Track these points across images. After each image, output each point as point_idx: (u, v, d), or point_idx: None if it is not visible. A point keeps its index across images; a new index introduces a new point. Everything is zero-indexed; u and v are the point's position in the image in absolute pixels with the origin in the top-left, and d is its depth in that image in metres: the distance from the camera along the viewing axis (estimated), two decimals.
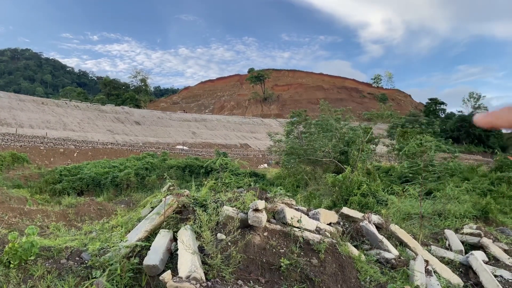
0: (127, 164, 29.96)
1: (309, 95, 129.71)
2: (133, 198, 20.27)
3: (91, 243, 5.82)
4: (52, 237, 6.97)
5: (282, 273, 5.48)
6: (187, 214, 6.64)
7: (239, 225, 5.79)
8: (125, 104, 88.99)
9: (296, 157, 23.90)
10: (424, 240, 8.85)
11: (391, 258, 6.81)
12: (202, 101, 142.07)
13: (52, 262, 5.46)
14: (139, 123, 68.01)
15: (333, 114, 29.10)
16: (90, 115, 64.24)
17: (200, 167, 29.09)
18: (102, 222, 7.43)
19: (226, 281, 4.92)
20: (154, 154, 36.22)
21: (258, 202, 5.92)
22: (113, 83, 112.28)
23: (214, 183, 8.43)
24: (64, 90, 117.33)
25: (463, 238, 9.27)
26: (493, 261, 8.52)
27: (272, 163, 43.03)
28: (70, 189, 23.76)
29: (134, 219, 7.10)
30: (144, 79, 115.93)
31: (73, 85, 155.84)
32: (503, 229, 10.87)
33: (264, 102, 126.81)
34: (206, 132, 72.46)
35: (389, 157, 39.45)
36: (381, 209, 12.04)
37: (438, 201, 10.53)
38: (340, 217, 8.39)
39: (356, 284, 5.78)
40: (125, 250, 5.43)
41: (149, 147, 50.69)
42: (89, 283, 4.78)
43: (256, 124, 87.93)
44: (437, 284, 6.43)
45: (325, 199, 16.89)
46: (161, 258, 5.44)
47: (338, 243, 6.40)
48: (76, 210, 14.02)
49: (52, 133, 47.97)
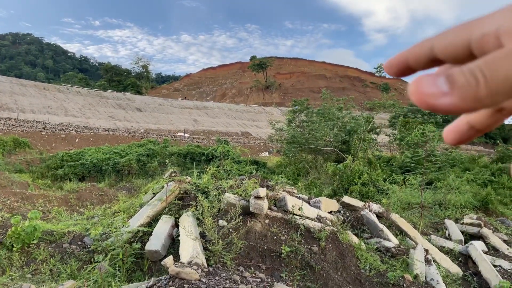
0: (128, 150, 29.97)
1: (311, 84, 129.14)
2: (135, 184, 20.35)
3: (93, 228, 5.86)
4: (54, 222, 7.01)
5: (283, 260, 5.52)
6: (189, 201, 6.66)
7: (241, 212, 5.81)
8: (126, 91, 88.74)
9: (297, 146, 23.90)
10: (424, 229, 8.89)
11: (391, 247, 6.85)
12: (204, 89, 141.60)
13: (54, 246, 5.50)
14: (140, 110, 67.91)
15: (335, 103, 28.98)
16: (92, 101, 64.11)
17: (201, 155, 29.12)
18: (104, 208, 7.46)
19: (228, 267, 4.96)
20: (156, 141, 36.22)
21: (260, 189, 5.94)
22: (114, 69, 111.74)
23: (216, 170, 8.44)
24: (66, 76, 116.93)
25: (463, 228, 9.30)
26: (493, 251, 8.56)
27: (273, 151, 43.04)
28: (71, 175, 23.83)
29: (136, 205, 7.13)
30: (145, 65, 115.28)
31: (74, 70, 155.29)
32: (503, 220, 10.90)
33: (266, 90, 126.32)
34: (207, 120, 72.38)
35: (391, 147, 39.42)
36: (381, 198, 12.07)
37: (439, 191, 10.54)
38: (341, 205, 8.42)
39: (356, 271, 5.82)
40: (127, 235, 5.47)
41: (150, 134, 50.68)
42: (91, 267, 4.82)
43: (258, 112, 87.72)
44: (436, 273, 6.48)
45: (326, 187, 16.93)
46: (162, 244, 5.48)
47: (339, 231, 6.44)
48: (78, 196, 14.10)
49: (53, 118, 47.95)
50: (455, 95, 0.37)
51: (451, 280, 6.79)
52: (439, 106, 0.38)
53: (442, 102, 0.37)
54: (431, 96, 0.38)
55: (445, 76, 0.38)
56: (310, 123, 25.21)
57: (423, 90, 0.38)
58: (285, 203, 6.50)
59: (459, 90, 0.36)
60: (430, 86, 0.38)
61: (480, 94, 0.36)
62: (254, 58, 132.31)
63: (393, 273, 5.75)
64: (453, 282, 6.79)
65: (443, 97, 0.37)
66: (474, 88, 0.36)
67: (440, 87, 0.38)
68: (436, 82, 0.38)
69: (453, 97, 0.37)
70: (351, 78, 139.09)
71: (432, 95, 0.38)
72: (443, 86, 0.37)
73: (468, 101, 0.36)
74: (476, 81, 0.36)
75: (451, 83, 0.37)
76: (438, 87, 0.38)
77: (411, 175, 11.04)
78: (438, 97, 0.37)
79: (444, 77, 0.38)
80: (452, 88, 0.37)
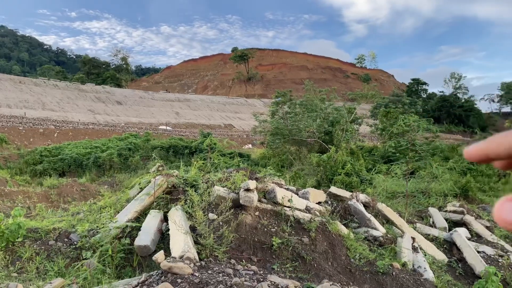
0: (109, 144, 29.48)
1: (293, 75, 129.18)
2: (117, 179, 20.05)
3: (80, 224, 5.73)
4: (38, 219, 6.83)
5: (274, 251, 5.51)
6: (177, 195, 6.58)
7: (231, 205, 5.77)
8: (105, 84, 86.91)
9: (281, 138, 23.95)
10: (410, 218, 9.05)
11: (379, 236, 6.94)
12: (185, 81, 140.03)
13: (40, 244, 5.35)
14: (120, 103, 66.75)
15: (317, 94, 29.11)
16: (70, 94, 62.62)
17: (185, 148, 28.87)
18: (90, 203, 7.30)
19: (219, 260, 4.93)
20: (137, 135, 35.70)
21: (249, 182, 5.90)
22: (93, 62, 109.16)
23: (203, 164, 8.36)
24: (42, 69, 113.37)
25: (446, 215, 9.50)
26: (476, 237, 8.78)
27: (257, 143, 43.04)
28: (51, 170, 23.31)
29: (122, 200, 7.00)
30: (125, 57, 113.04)
31: (51, 63, 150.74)
32: (484, 207, 11.20)
33: (248, 82, 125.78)
34: (189, 113, 71.72)
35: (372, 137, 39.93)
36: (365, 188, 12.21)
37: (422, 180, 10.73)
38: (328, 196, 8.47)
39: (346, 261, 5.87)
40: (115, 231, 5.36)
41: (131, 127, 49.92)
42: (80, 264, 4.71)
43: (240, 104, 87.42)
44: (424, 260, 6.60)
45: (310, 178, 17.04)
46: (152, 239, 5.40)
47: (328, 221, 6.47)
48: (59, 191, 13.80)
49: (30, 113, 46.65)
50: None
51: (437, 267, 6.93)
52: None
53: None
54: None
55: None
56: (294, 115, 25.25)
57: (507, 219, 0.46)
58: (274, 195, 6.49)
59: None
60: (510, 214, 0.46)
61: None
62: (235, 49, 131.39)
63: (382, 262, 5.83)
64: (439, 268, 6.93)
65: None
66: None
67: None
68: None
69: None
70: (332, 69, 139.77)
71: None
72: None
73: None
74: None
75: None
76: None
77: (394, 164, 11.19)
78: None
79: None
80: None
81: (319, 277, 5.26)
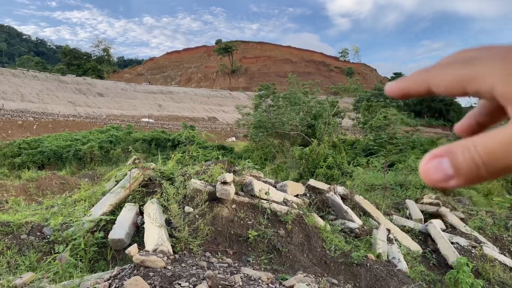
0: (90, 137, 29.00)
1: (277, 68, 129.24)
2: (97, 172, 19.77)
3: (53, 217, 5.63)
4: (11, 212, 6.69)
5: (250, 244, 5.53)
6: (154, 188, 6.52)
7: (207, 198, 5.75)
8: (86, 75, 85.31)
9: (264, 131, 23.96)
10: (387, 210, 9.18)
11: (355, 228, 7.03)
12: (168, 73, 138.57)
13: (11, 238, 5.25)
14: (102, 95, 65.70)
15: (301, 87, 29.18)
16: (50, 86, 61.31)
17: (167, 140, 28.67)
18: (65, 197, 7.19)
19: (194, 253, 4.92)
20: (119, 127, 35.19)
21: (226, 175, 5.89)
22: (73, 53, 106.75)
23: (181, 156, 8.31)
24: (21, 59, 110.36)
25: (423, 207, 9.68)
26: (450, 229, 8.98)
27: (240, 136, 43.00)
28: (30, 163, 22.83)
29: (98, 193, 6.91)
30: (106, 48, 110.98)
31: (30, 54, 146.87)
32: (460, 199, 11.44)
33: (232, 74, 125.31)
34: (172, 105, 71.08)
35: (355, 130, 40.35)
36: (346, 180, 12.34)
37: (400, 173, 10.89)
38: (307, 188, 8.53)
39: (322, 253, 5.94)
40: (89, 225, 5.29)
41: (113, 119, 49.23)
42: (51, 258, 4.64)
43: (224, 97, 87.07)
44: (398, 251, 6.72)
45: (292, 171, 17.14)
46: (126, 232, 5.35)
47: (305, 214, 6.52)
48: (37, 184, 13.55)
49: (9, 104, 45.54)
50: (460, 179, 0.43)
51: (411, 258, 7.07)
52: (448, 187, 0.45)
53: (451, 184, 0.43)
54: (440, 181, 0.44)
55: (449, 161, 0.43)
56: (277, 108, 25.27)
57: (432, 177, 0.44)
58: (251, 187, 6.50)
59: (463, 175, 0.42)
60: (437, 172, 0.44)
61: (481, 175, 0.41)
62: (219, 41, 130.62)
63: (357, 253, 5.91)
64: (414, 259, 7.07)
65: (450, 180, 0.43)
66: (476, 172, 0.41)
67: (445, 171, 0.43)
68: (442, 167, 0.44)
69: (459, 180, 0.43)
70: (316, 62, 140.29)
71: (441, 180, 0.44)
72: (448, 170, 0.43)
73: (471, 181, 0.43)
74: (477, 167, 0.41)
75: (455, 169, 0.42)
76: (444, 172, 0.43)
77: (374, 157, 11.33)
78: (446, 181, 0.44)
79: (448, 162, 0.43)
80: (457, 174, 0.42)
81: (294, 269, 5.31)
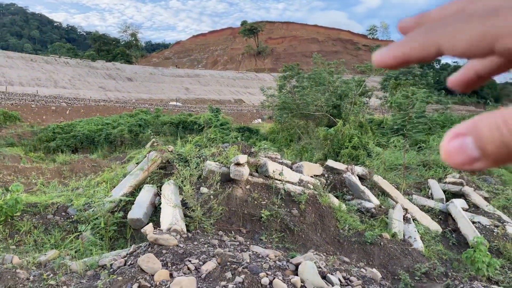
0: (120, 121, 29.81)
1: (303, 48, 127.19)
2: (128, 155, 20.40)
3: (77, 199, 5.96)
4: (39, 194, 7.11)
5: (263, 223, 5.67)
6: (171, 170, 6.74)
7: (221, 179, 5.90)
8: (116, 60, 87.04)
9: (288, 112, 23.88)
10: (407, 189, 9.09)
11: (371, 208, 7.03)
12: (195, 56, 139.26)
13: (38, 218, 5.60)
14: (131, 80, 67.03)
15: (326, 67, 28.70)
16: (81, 71, 63.07)
17: (194, 123, 29.10)
18: (89, 179, 7.55)
19: (207, 232, 5.10)
20: (147, 111, 35.95)
21: (239, 156, 6.01)
22: (103, 38, 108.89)
23: (199, 139, 8.49)
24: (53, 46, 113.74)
25: (445, 187, 9.51)
26: (473, 208, 8.80)
27: (266, 118, 43.00)
28: (64, 147, 23.81)
29: (120, 175, 7.21)
30: (134, 33, 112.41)
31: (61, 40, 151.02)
32: (486, 178, 11.13)
33: (258, 56, 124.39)
34: (199, 88, 71.69)
35: (382, 109, 39.47)
36: (365, 160, 12.22)
37: (424, 152, 10.68)
38: (325, 169, 8.55)
39: (335, 232, 6.01)
40: (109, 205, 5.57)
41: (142, 103, 50.24)
42: (73, 236, 4.94)
43: (250, 79, 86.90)
44: (415, 230, 6.69)
45: (317, 152, 17.10)
46: (145, 212, 5.60)
47: (319, 194, 6.57)
48: (71, 167, 14.19)
49: (42, 90, 47.31)
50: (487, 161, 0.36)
51: (429, 237, 7.02)
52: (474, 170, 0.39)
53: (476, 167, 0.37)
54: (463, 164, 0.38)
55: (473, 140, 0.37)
56: (301, 89, 25.04)
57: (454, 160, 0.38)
58: (266, 168, 6.60)
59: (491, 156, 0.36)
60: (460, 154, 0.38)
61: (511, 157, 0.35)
62: (245, 23, 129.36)
63: (370, 232, 5.94)
64: (432, 238, 7.02)
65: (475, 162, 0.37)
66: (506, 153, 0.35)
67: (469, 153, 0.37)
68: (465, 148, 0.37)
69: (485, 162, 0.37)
70: (343, 41, 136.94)
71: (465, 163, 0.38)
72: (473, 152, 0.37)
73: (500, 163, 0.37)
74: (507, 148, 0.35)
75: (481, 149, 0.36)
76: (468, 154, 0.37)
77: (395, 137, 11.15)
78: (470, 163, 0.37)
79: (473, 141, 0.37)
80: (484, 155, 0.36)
81: (306, 247, 5.41)
